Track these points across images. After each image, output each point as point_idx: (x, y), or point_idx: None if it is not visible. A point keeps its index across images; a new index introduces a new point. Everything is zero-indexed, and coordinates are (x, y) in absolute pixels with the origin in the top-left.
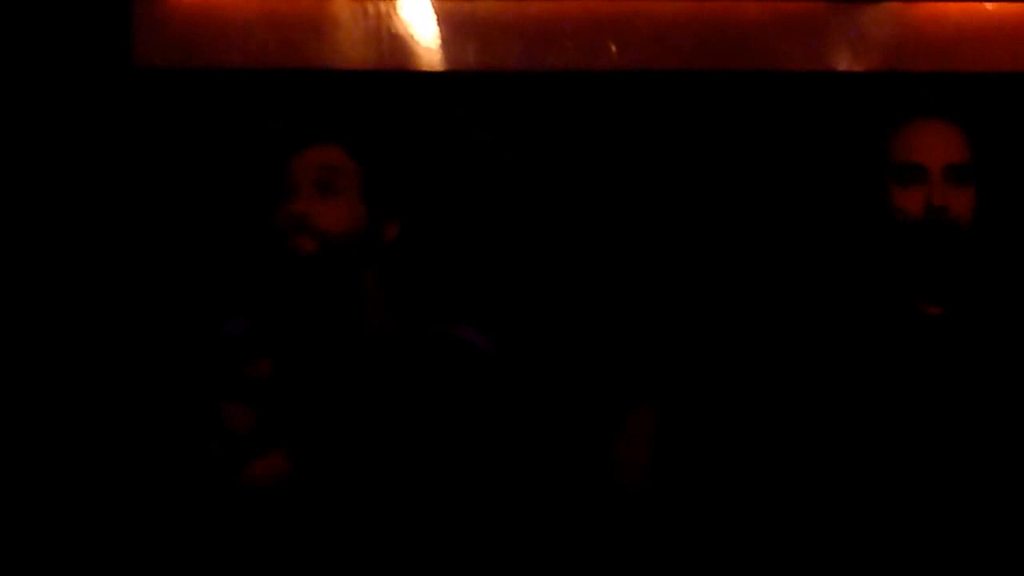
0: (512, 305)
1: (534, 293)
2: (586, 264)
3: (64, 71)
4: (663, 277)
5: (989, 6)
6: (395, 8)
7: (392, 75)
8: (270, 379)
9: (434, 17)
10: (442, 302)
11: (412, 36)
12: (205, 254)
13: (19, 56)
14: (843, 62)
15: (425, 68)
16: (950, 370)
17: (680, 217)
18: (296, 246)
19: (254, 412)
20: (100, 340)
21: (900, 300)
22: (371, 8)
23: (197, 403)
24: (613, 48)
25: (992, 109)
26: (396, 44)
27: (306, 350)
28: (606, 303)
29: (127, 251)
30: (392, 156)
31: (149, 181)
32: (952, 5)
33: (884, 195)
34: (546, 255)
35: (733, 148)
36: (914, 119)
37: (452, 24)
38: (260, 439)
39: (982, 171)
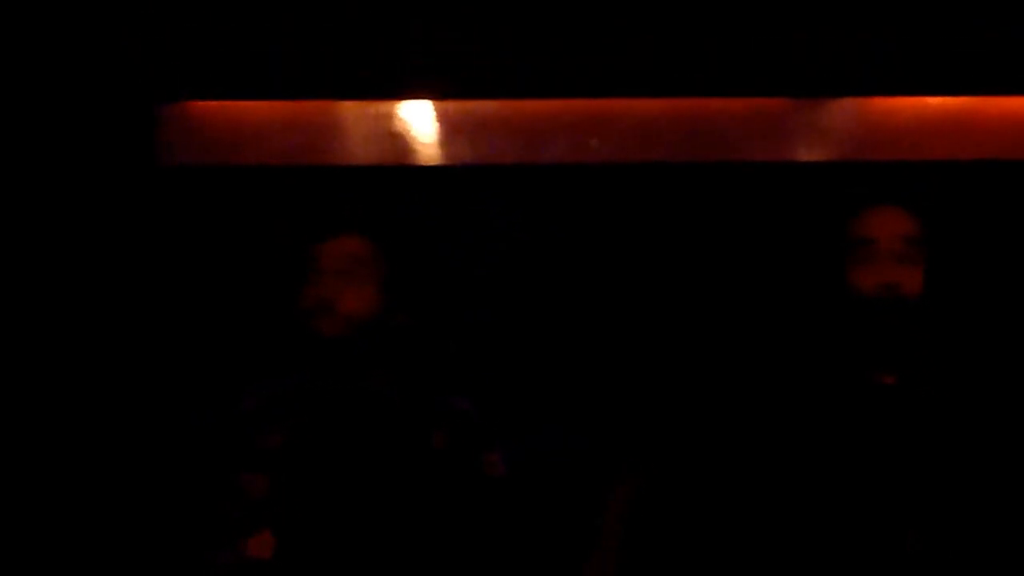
0: (503, 380)
1: (523, 369)
2: (575, 342)
3: (94, 170)
4: (644, 357)
5: (936, 100)
6: (397, 109)
7: (394, 171)
8: (281, 450)
9: (434, 116)
10: (439, 376)
11: (412, 134)
12: (225, 338)
13: (53, 157)
14: (805, 152)
15: (423, 163)
16: (905, 434)
17: (661, 297)
18: (320, 327)
19: (267, 480)
20: (131, 426)
21: (858, 372)
22: (374, 110)
23: (216, 474)
24: (597, 142)
25: (940, 194)
26: (397, 142)
27: (322, 421)
28: (591, 380)
29: (154, 337)
30: (401, 248)
31: (173, 270)
32: (903, 100)
33: (842, 274)
34: (536, 333)
35: (708, 232)
36: (870, 205)
37: (450, 122)
38: (273, 506)
39: (931, 252)
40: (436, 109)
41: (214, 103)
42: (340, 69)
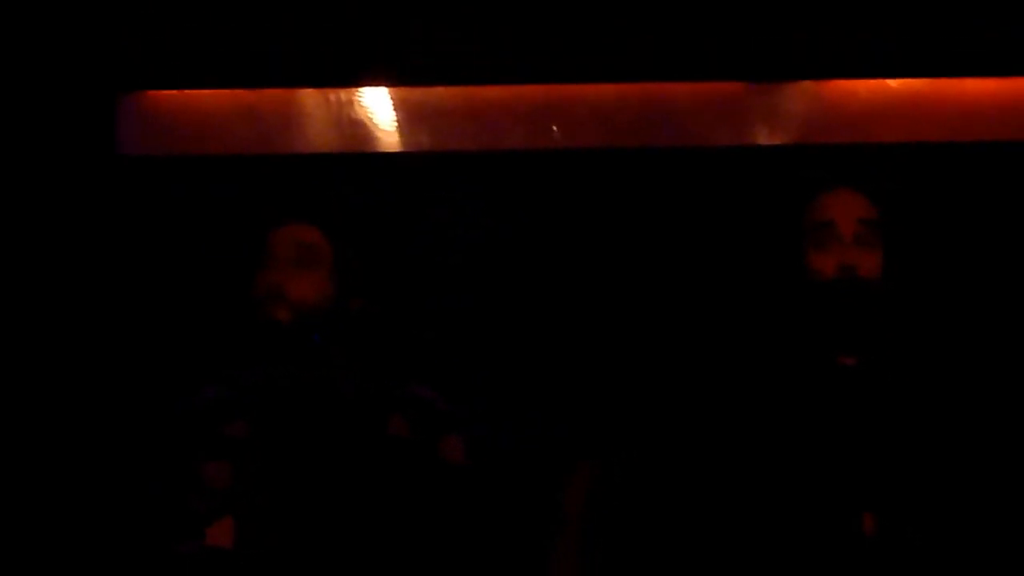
0: (465, 367)
1: (485, 354)
2: (533, 325)
3: (53, 159)
4: (603, 339)
5: (893, 83)
6: (356, 96)
7: (354, 158)
8: (246, 438)
9: (392, 103)
10: (401, 364)
11: (372, 121)
12: (186, 326)
13: (11, 146)
14: (762, 136)
15: (384, 150)
16: (865, 415)
17: (623, 282)
18: (271, 314)
19: (232, 468)
20: (88, 411)
21: (818, 354)
22: (333, 97)
23: (179, 463)
24: (556, 128)
25: (897, 177)
26: (357, 129)
27: (279, 410)
28: (551, 365)
29: (113, 326)
30: (358, 235)
31: (132, 259)
32: (860, 82)
33: (802, 258)
34: (495, 317)
35: (666, 218)
36: (827, 188)
37: (409, 109)
38: (237, 494)
39: (889, 234)
40: (394, 96)
41: (174, 92)
42: (299, 57)
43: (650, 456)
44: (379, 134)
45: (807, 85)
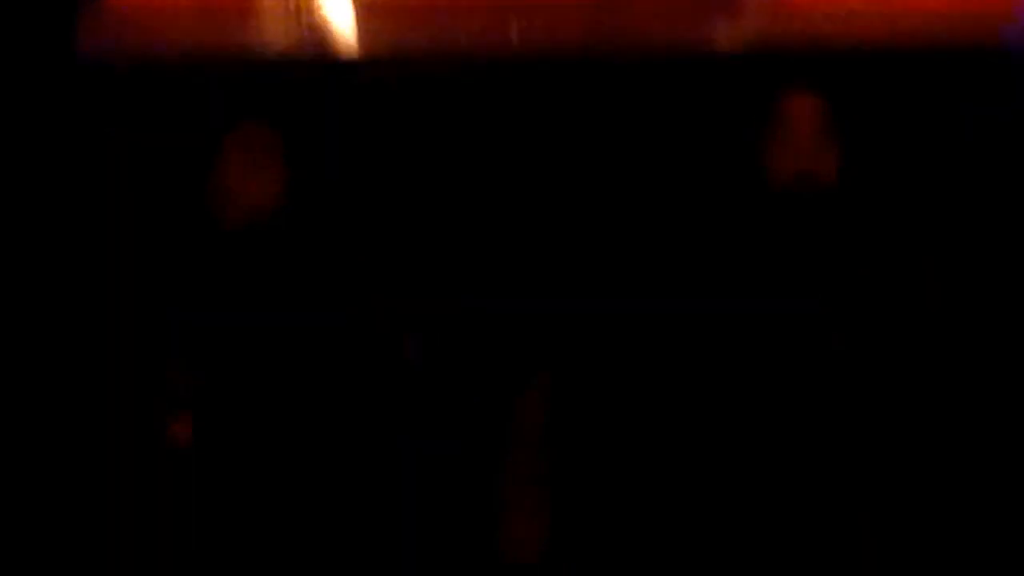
0: (414, 279)
1: (435, 268)
2: (482, 240)
3: (13, 67)
4: (555, 249)
5: None
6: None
7: (312, 61)
8: (204, 386)
9: (350, 6)
10: (353, 273)
11: (330, 24)
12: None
13: None
14: (719, 44)
15: (342, 54)
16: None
17: (576, 189)
18: (226, 219)
19: (191, 415)
20: (53, 320)
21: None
22: (292, 1)
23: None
24: (516, 32)
25: (858, 83)
26: (315, 32)
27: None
28: (498, 281)
29: (73, 232)
30: (313, 137)
31: (94, 164)
32: None
33: (760, 163)
34: (446, 229)
35: (622, 126)
36: (786, 94)
37: (367, 14)
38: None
39: (847, 138)
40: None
41: None
42: None
43: (609, 365)
44: (339, 38)
45: None
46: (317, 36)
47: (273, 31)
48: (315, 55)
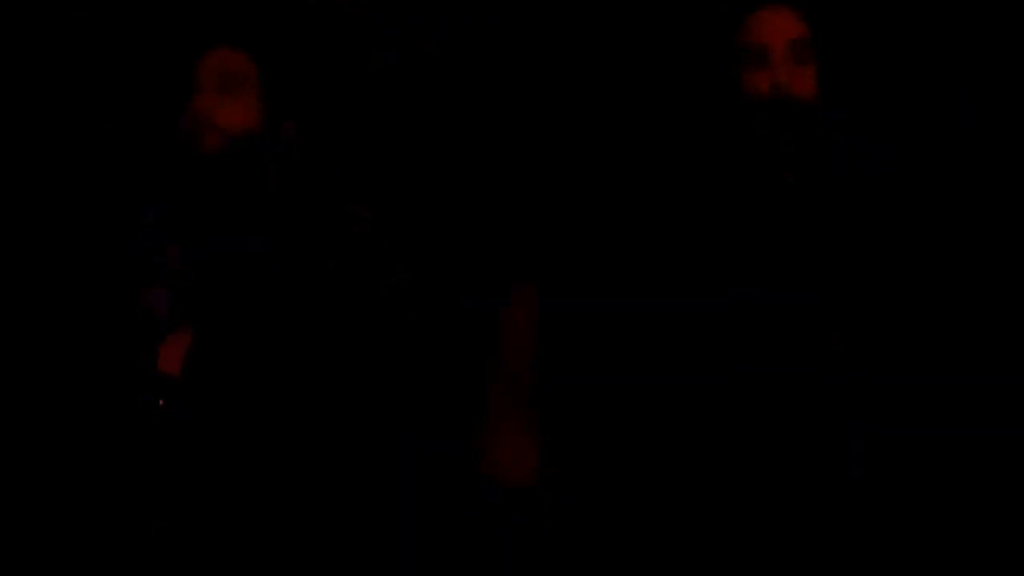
0: (401, 186)
1: (421, 175)
2: (469, 147)
3: None
4: (538, 156)
5: None
6: None
7: None
8: (179, 264)
9: None
10: (337, 190)
11: None
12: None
13: None
14: None
15: None
16: (805, 226)
17: (554, 104)
18: (200, 142)
19: (167, 293)
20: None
21: (762, 171)
22: None
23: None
24: None
25: None
26: None
27: (213, 237)
28: (482, 185)
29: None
30: (288, 58)
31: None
32: None
33: (735, 79)
34: (433, 136)
35: (596, 42)
36: (756, 7)
37: None
38: (174, 319)
39: (821, 49)
40: None
41: None
42: None
43: (593, 279)
44: None
45: None
46: None
47: None
48: None
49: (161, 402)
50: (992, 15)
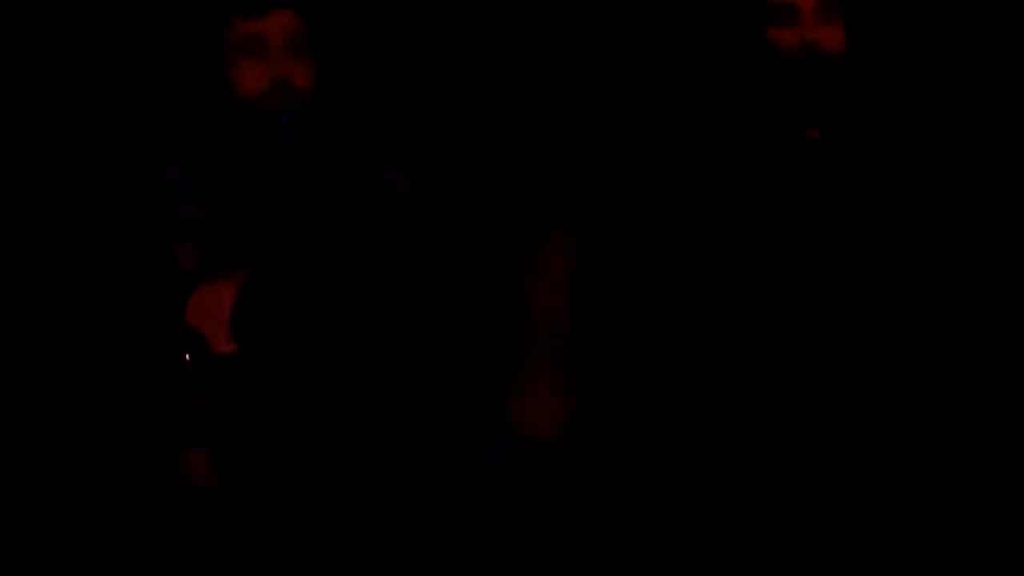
0: (430, 143)
1: (453, 133)
2: (499, 103)
3: None
4: (563, 114)
5: None
6: None
7: None
8: (207, 221)
9: None
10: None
11: None
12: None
13: None
14: None
15: None
16: (830, 182)
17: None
18: (274, 106)
19: (196, 249)
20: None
21: (787, 127)
22: None
23: (143, 244)
24: None
25: None
26: None
27: (244, 195)
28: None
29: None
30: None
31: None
32: None
33: (761, 35)
34: (464, 96)
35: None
36: None
37: None
38: (204, 273)
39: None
40: None
41: None
42: None
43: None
44: None
45: None
46: None
47: None
48: None
49: (187, 356)
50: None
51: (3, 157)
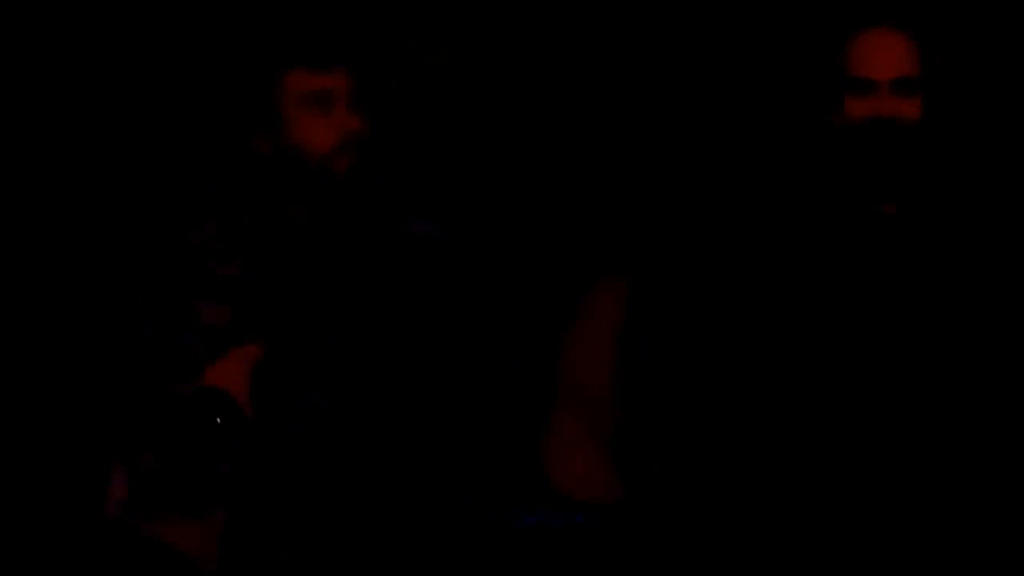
0: (470, 194)
1: (492, 182)
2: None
3: None
4: (618, 168)
5: None
6: None
7: None
8: (241, 277)
9: None
10: (404, 198)
11: None
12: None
13: None
14: None
15: None
16: (908, 263)
17: (636, 117)
18: (342, 163)
19: (228, 308)
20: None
21: (858, 202)
22: None
23: (172, 303)
24: None
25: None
26: None
27: (276, 249)
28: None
29: (98, 161)
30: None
31: (129, 91)
32: None
33: (837, 104)
34: (503, 146)
35: (690, 53)
36: (863, 29)
37: None
38: (235, 333)
39: (930, 77)
40: None
41: None
42: None
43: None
44: None
45: None
46: None
47: None
48: None
49: (218, 419)
50: None
51: (37, 200)
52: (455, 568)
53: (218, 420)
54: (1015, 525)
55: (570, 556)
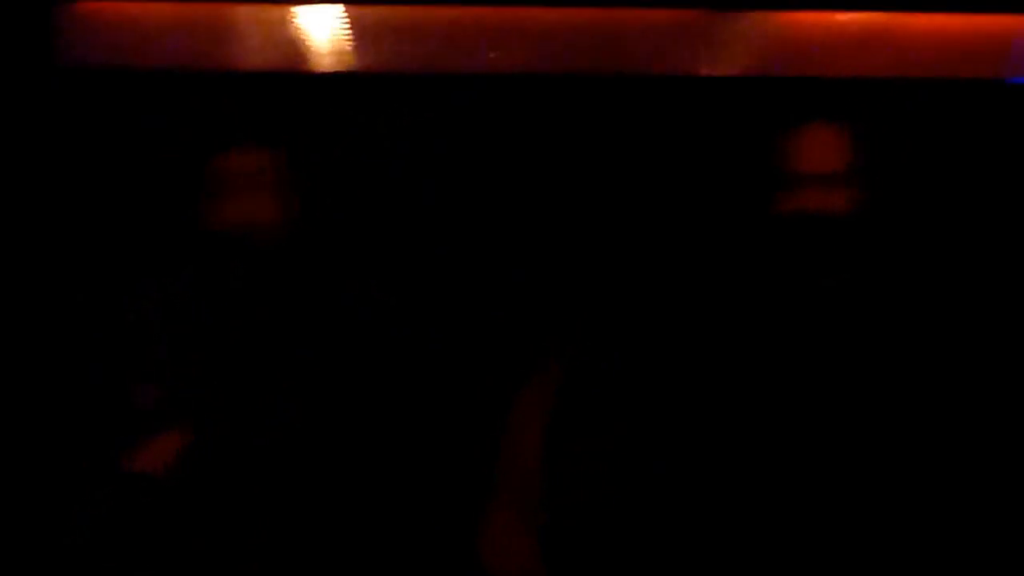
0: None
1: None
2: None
3: None
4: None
5: (842, 16)
6: (296, 13)
7: (292, 76)
8: (173, 358)
9: (331, 21)
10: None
11: (311, 40)
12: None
13: None
14: (713, 67)
15: (324, 70)
16: (851, 334)
17: (567, 210)
18: (250, 244)
19: (159, 390)
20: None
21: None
22: (274, 14)
23: (103, 385)
24: (493, 54)
25: (858, 110)
26: (295, 47)
27: (211, 330)
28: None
29: (44, 243)
30: (298, 153)
31: (68, 173)
32: (812, 14)
33: (767, 198)
34: (441, 233)
35: (614, 146)
36: (792, 126)
37: (351, 28)
38: (164, 416)
39: (858, 169)
40: (333, 14)
41: (112, 3)
42: None
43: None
44: (318, 53)
45: (759, 15)
46: (298, 50)
47: (254, 43)
48: (296, 69)
49: (142, 505)
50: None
51: None
52: None
53: (142, 505)
54: (994, 531)
55: None
